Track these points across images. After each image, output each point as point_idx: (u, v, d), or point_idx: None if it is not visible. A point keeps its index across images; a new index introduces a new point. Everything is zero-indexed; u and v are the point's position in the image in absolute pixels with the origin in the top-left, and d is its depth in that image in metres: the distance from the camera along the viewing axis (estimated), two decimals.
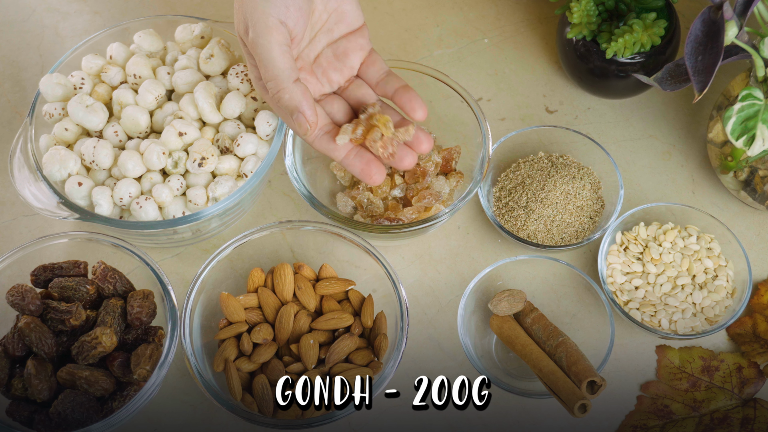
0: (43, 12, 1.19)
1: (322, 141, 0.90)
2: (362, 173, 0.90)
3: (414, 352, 1.00)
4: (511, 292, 0.98)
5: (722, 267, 1.01)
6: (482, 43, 1.17)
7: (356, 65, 0.94)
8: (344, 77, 0.93)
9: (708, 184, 1.09)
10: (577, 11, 1.03)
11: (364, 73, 0.94)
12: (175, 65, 1.02)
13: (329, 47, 0.93)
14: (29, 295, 0.92)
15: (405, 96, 0.92)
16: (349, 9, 0.92)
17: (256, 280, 0.98)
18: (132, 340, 0.95)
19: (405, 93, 0.92)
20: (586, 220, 1.04)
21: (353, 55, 0.93)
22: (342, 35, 0.93)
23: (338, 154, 0.90)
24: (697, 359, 1.00)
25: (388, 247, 1.05)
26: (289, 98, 0.87)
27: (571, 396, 0.90)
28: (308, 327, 0.96)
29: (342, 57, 0.93)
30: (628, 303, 0.99)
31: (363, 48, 0.93)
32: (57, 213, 0.95)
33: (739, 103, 0.96)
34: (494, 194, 1.06)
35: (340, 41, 0.93)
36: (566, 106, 1.13)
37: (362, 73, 0.94)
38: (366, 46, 0.94)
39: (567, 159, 1.06)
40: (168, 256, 1.05)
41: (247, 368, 0.94)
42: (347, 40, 0.93)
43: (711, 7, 0.92)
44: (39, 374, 0.90)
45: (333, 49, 0.93)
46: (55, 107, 1.00)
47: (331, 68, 0.93)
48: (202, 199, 0.97)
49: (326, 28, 0.92)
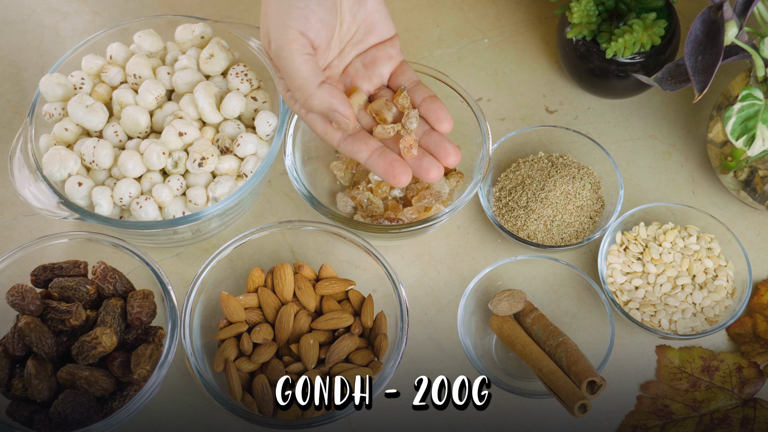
0: (43, 12, 1.19)
1: (347, 143, 0.90)
2: (386, 173, 0.88)
3: (414, 352, 1.00)
4: (511, 292, 0.98)
5: (722, 267, 1.01)
6: (482, 43, 1.17)
7: (386, 75, 0.93)
8: (373, 86, 0.92)
9: (708, 184, 1.09)
10: (577, 11, 1.03)
11: (393, 83, 0.93)
12: (175, 65, 1.02)
13: (358, 58, 0.92)
14: (29, 295, 0.92)
15: (432, 106, 0.91)
16: (379, 19, 0.91)
17: (256, 280, 0.98)
18: (132, 340, 0.95)
19: (432, 103, 0.91)
20: (586, 220, 1.04)
21: (381, 64, 0.92)
22: (371, 45, 0.92)
23: (362, 156, 0.89)
24: (697, 359, 1.00)
25: (388, 247, 1.05)
26: (319, 102, 0.87)
27: (571, 396, 0.90)
28: (308, 327, 0.96)
29: (370, 66, 0.92)
30: (628, 303, 0.99)
31: (393, 58, 0.93)
32: (57, 213, 0.95)
33: (739, 103, 0.96)
34: (494, 194, 1.06)
35: (370, 51, 0.92)
36: (566, 106, 1.13)
37: (392, 83, 0.93)
38: (396, 56, 0.93)
39: (567, 159, 1.06)
40: (168, 256, 1.05)
41: (247, 368, 0.94)
42: (376, 50, 0.92)
43: (711, 7, 0.92)
44: (39, 374, 0.90)
45: (362, 59, 0.92)
46: (55, 107, 1.00)
47: (358, 77, 0.92)
48: (202, 199, 0.97)
49: (356, 40, 0.92)
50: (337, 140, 0.90)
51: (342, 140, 0.90)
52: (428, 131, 0.91)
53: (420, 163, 0.89)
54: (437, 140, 0.90)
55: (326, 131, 0.90)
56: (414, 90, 0.92)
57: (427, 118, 0.91)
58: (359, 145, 0.89)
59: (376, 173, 0.89)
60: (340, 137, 0.90)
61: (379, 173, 0.89)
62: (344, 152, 0.90)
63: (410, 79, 0.93)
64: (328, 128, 0.90)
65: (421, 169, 0.89)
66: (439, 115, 0.91)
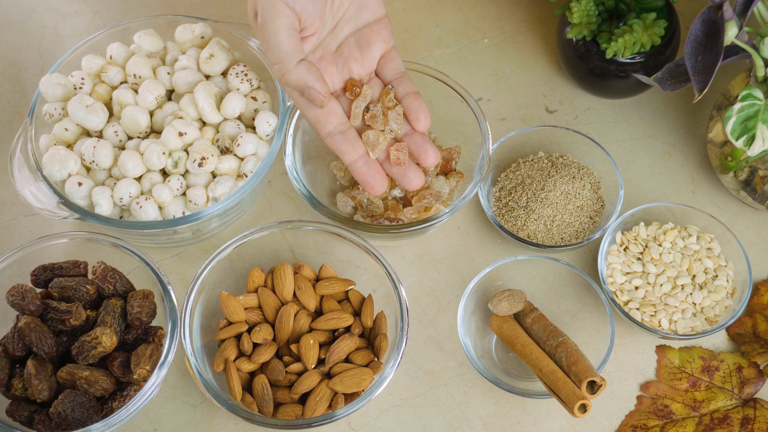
0: (43, 12, 1.19)
1: (336, 139, 0.92)
2: (365, 182, 0.92)
3: (414, 352, 1.00)
4: (511, 292, 0.98)
5: (722, 267, 1.01)
6: (482, 43, 1.17)
7: (377, 57, 0.94)
8: (365, 69, 0.94)
9: (708, 184, 1.09)
10: (577, 11, 1.03)
11: (381, 69, 0.95)
12: (175, 65, 1.02)
13: (352, 36, 0.93)
14: (29, 295, 0.92)
15: (414, 103, 0.93)
16: None
17: (256, 280, 0.98)
18: (132, 340, 0.95)
19: (414, 100, 0.93)
20: (586, 220, 1.04)
21: (375, 45, 0.93)
22: (366, 23, 0.93)
23: (348, 158, 0.92)
24: (697, 359, 1.00)
25: (388, 247, 1.05)
26: (296, 78, 0.88)
27: (571, 396, 0.90)
28: (308, 327, 0.96)
29: (364, 46, 0.93)
30: (628, 303, 0.99)
31: (386, 40, 0.94)
32: (57, 213, 0.95)
33: (739, 103, 0.96)
34: (494, 194, 1.06)
35: (364, 29, 0.93)
36: (566, 106, 1.13)
37: (380, 68, 0.95)
38: (389, 39, 0.94)
39: (567, 159, 1.06)
40: (168, 256, 1.05)
41: (247, 368, 0.94)
42: (370, 29, 0.93)
43: (711, 7, 0.92)
44: (39, 374, 0.90)
45: (356, 38, 0.93)
46: (55, 107, 1.00)
47: (351, 58, 0.93)
48: (202, 199, 0.97)
49: (348, 17, 0.93)
50: (326, 132, 0.91)
51: (332, 135, 0.91)
52: (410, 133, 0.94)
53: (405, 172, 0.93)
54: (419, 142, 0.94)
55: (318, 119, 0.91)
56: (399, 82, 0.94)
57: (407, 113, 0.94)
58: (347, 147, 0.92)
59: (357, 178, 0.93)
60: (331, 130, 0.91)
61: (360, 179, 0.92)
62: (331, 147, 0.92)
63: (398, 68, 0.95)
64: (321, 117, 0.91)
65: (404, 179, 0.93)
66: (419, 114, 0.93)
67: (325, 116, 0.91)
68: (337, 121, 0.92)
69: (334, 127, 0.91)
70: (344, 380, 0.93)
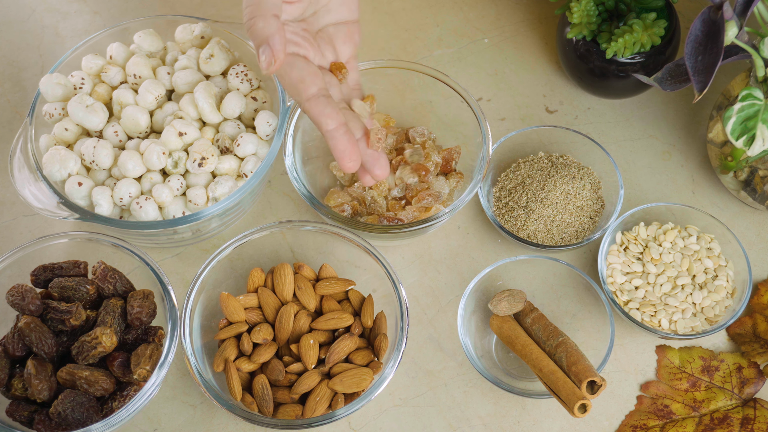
0: (43, 12, 1.19)
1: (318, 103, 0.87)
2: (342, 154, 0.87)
3: (414, 352, 1.00)
4: (511, 292, 0.98)
5: (722, 267, 1.01)
6: (482, 43, 1.17)
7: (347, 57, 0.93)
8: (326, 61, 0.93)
9: (708, 184, 1.09)
10: (577, 11, 1.03)
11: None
12: (175, 65, 1.02)
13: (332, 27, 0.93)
14: (29, 295, 0.92)
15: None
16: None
17: (256, 280, 0.98)
18: (132, 340, 0.95)
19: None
20: (586, 220, 1.04)
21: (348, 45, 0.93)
22: (344, 21, 0.93)
23: (329, 123, 0.87)
24: (697, 359, 1.00)
25: (388, 247, 1.05)
26: (263, 27, 0.84)
27: (571, 396, 0.90)
28: (308, 327, 0.96)
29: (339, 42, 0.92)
30: (628, 303, 0.99)
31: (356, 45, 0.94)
32: (57, 213, 0.95)
33: (739, 103, 0.96)
34: (494, 194, 1.06)
35: (340, 26, 0.93)
36: (566, 106, 1.13)
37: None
38: (357, 44, 0.94)
39: (567, 159, 1.06)
40: (168, 256, 1.05)
41: (247, 368, 0.94)
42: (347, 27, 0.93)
43: (711, 7, 0.92)
44: (39, 374, 0.90)
45: (334, 30, 0.93)
46: (55, 107, 1.00)
47: (329, 48, 0.92)
48: (202, 199, 0.97)
49: (331, 7, 0.92)
50: (310, 94, 0.87)
51: (316, 97, 0.87)
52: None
53: (376, 156, 0.91)
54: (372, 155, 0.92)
55: (303, 79, 0.87)
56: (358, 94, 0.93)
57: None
58: (330, 111, 0.87)
59: (334, 148, 0.88)
60: (316, 92, 0.87)
61: (338, 149, 0.87)
62: (310, 111, 0.87)
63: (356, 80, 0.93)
64: (306, 77, 0.87)
65: (374, 164, 0.90)
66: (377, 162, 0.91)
67: (311, 77, 0.88)
68: (321, 85, 0.88)
69: (318, 89, 0.88)
70: (344, 380, 0.93)
